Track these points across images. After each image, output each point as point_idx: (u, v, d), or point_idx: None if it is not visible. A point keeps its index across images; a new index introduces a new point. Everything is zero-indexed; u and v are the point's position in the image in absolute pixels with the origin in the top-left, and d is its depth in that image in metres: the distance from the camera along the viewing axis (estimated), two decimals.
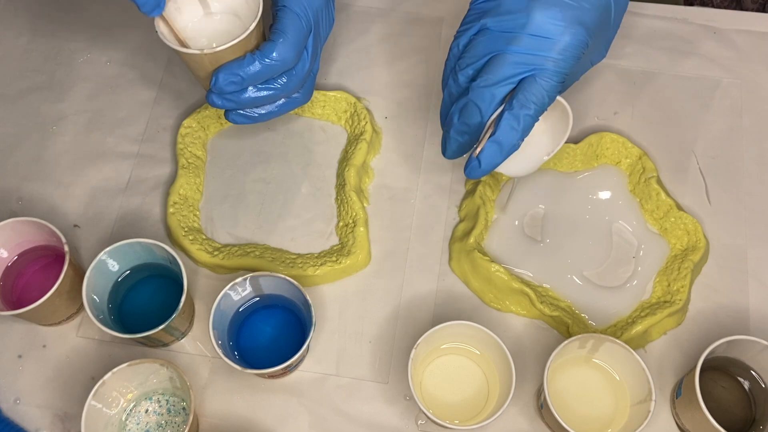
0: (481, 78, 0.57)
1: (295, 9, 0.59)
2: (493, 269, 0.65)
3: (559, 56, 0.56)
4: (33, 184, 0.72)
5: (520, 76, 0.56)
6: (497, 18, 0.57)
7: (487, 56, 0.57)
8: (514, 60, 0.56)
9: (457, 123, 0.58)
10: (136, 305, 0.65)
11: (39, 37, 0.80)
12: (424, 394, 0.62)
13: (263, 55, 0.58)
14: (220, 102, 0.61)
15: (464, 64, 0.58)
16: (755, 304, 0.67)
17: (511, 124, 0.56)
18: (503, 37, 0.57)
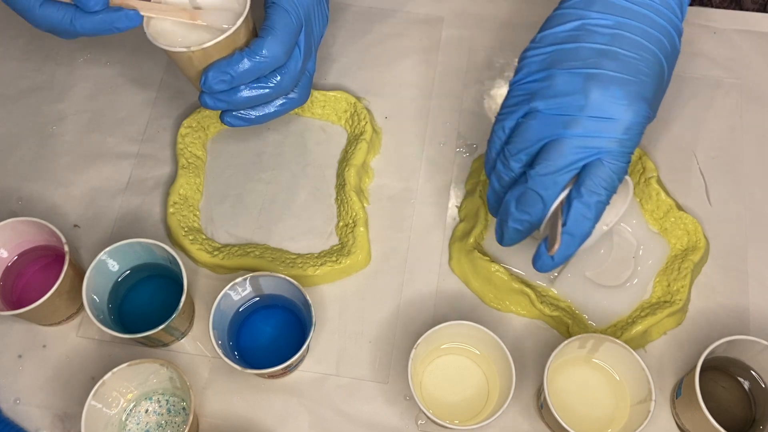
0: (541, 165, 0.53)
1: (284, 5, 0.58)
2: (493, 269, 0.65)
3: (625, 136, 0.53)
4: (33, 184, 0.72)
5: (584, 161, 0.53)
6: (549, 100, 0.54)
7: (543, 141, 0.54)
8: (575, 145, 0.53)
9: (515, 212, 0.55)
10: (136, 305, 0.65)
11: (39, 37, 0.80)
12: (424, 394, 0.62)
13: (252, 51, 0.57)
14: (212, 103, 0.59)
15: (515, 150, 0.55)
16: (755, 304, 0.67)
17: (583, 213, 0.53)
18: (559, 120, 0.53)
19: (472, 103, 0.76)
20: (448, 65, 0.78)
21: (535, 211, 0.55)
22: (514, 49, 0.78)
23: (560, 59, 0.55)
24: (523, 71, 0.57)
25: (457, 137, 0.74)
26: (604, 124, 0.53)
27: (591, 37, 0.55)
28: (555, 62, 0.55)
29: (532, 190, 0.54)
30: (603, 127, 0.53)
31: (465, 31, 0.80)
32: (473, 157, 0.73)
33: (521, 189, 0.55)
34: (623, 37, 0.55)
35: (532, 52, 0.57)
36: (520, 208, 0.55)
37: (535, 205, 0.55)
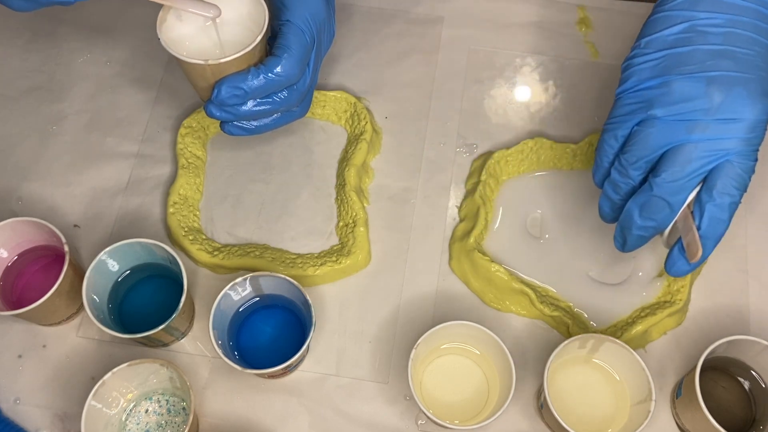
0: (666, 173, 0.53)
1: (299, 24, 0.58)
2: (493, 269, 0.65)
3: (751, 134, 0.53)
4: (33, 184, 0.72)
5: (712, 165, 0.53)
6: (670, 107, 0.53)
7: (664, 148, 0.54)
8: (702, 149, 0.53)
9: (639, 220, 0.56)
10: (136, 305, 0.65)
11: (39, 37, 0.80)
12: (424, 394, 0.62)
13: (268, 70, 0.57)
14: (218, 113, 0.59)
15: (634, 158, 0.55)
16: (755, 304, 0.67)
17: (719, 216, 0.53)
18: (682, 125, 0.53)
19: (472, 103, 0.76)
20: (448, 65, 0.78)
21: (661, 217, 0.55)
22: (514, 49, 0.79)
23: (674, 64, 0.55)
24: (633, 79, 0.56)
25: (457, 137, 0.74)
26: (730, 126, 0.53)
27: (703, 39, 0.54)
28: (669, 68, 0.54)
29: (658, 198, 0.54)
30: (729, 128, 0.53)
31: (465, 31, 0.80)
32: (473, 157, 0.73)
33: (645, 197, 0.55)
34: (736, 35, 0.54)
35: (640, 59, 0.56)
36: (645, 215, 0.55)
37: (661, 211, 0.55)
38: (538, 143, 0.71)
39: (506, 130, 0.74)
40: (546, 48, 0.79)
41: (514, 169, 0.71)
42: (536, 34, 0.79)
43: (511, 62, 0.78)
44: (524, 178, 0.71)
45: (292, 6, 0.58)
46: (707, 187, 0.54)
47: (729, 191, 0.53)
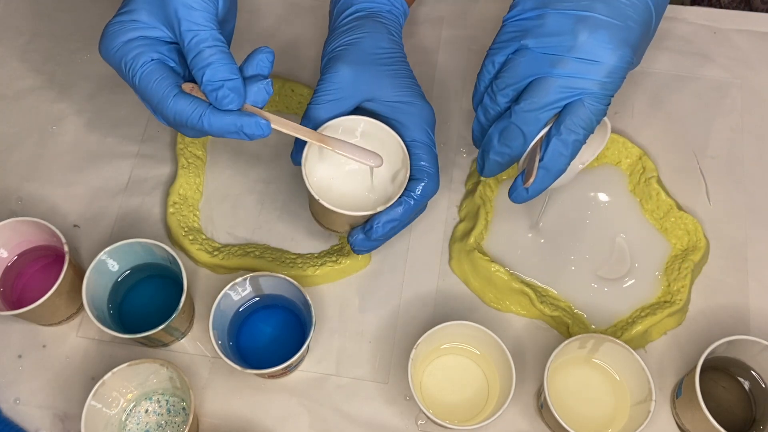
0: (525, 102, 0.55)
1: (425, 140, 0.60)
2: (493, 269, 0.65)
3: (607, 79, 0.54)
4: (33, 184, 0.72)
5: (567, 101, 0.55)
6: (540, 39, 0.55)
7: (530, 78, 0.56)
8: (560, 84, 0.55)
9: (497, 145, 0.57)
10: (136, 305, 0.65)
11: (39, 37, 0.80)
12: (424, 394, 0.62)
13: (417, 195, 0.59)
14: (369, 245, 0.61)
15: (503, 85, 0.57)
16: (755, 304, 0.67)
17: (560, 151, 0.55)
18: (547, 59, 0.55)
19: (472, 103, 0.76)
20: (448, 65, 0.78)
21: (516, 145, 0.57)
22: None
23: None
24: (517, 8, 0.58)
25: (457, 137, 0.74)
26: (589, 67, 0.54)
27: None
28: (549, 2, 0.56)
29: (514, 125, 0.56)
30: (588, 69, 0.54)
31: (465, 31, 0.80)
32: (473, 157, 0.73)
33: (505, 123, 0.57)
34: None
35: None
36: (502, 141, 0.57)
37: (516, 139, 0.57)
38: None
39: None
40: None
41: (514, 169, 0.71)
42: None
43: None
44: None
45: (411, 123, 0.60)
46: (557, 123, 0.55)
47: (575, 129, 0.55)
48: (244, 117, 0.54)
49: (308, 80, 0.76)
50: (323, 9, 0.71)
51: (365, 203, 0.60)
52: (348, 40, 0.61)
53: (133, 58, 0.55)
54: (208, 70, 0.53)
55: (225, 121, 0.54)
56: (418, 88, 0.62)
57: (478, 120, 0.60)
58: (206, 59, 0.53)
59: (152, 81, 0.54)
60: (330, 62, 0.61)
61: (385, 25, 0.63)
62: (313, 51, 0.78)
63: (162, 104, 0.55)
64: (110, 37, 0.55)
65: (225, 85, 0.53)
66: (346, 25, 0.63)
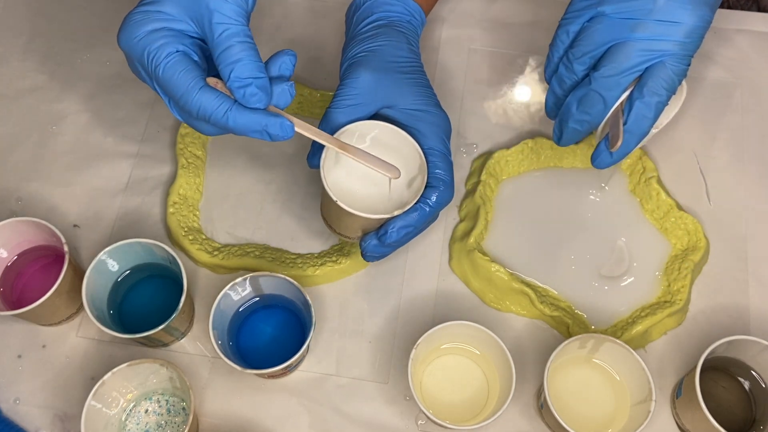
0: (605, 67, 0.56)
1: (441, 149, 0.60)
2: (493, 269, 0.65)
3: (687, 39, 0.55)
4: (33, 184, 0.72)
5: (648, 64, 0.56)
6: (617, 4, 0.56)
7: (608, 44, 0.57)
8: (640, 47, 0.55)
9: (576, 113, 0.59)
10: (136, 305, 0.65)
11: (39, 37, 0.80)
12: (424, 394, 0.62)
13: (433, 202, 0.59)
14: (382, 250, 0.60)
15: (580, 53, 0.58)
16: (755, 304, 0.67)
17: (644, 113, 0.56)
18: (626, 23, 0.56)
19: (472, 103, 0.76)
20: (448, 65, 0.78)
21: (596, 111, 0.58)
22: (514, 49, 0.78)
23: None
24: None
25: (457, 137, 0.74)
26: (669, 28, 0.55)
27: None
28: None
29: (594, 92, 0.57)
30: (668, 30, 0.55)
31: (465, 31, 0.80)
32: (473, 157, 0.73)
33: (584, 91, 0.58)
34: None
35: None
36: (582, 108, 0.58)
37: (596, 105, 0.58)
38: (538, 143, 0.71)
39: (506, 130, 0.74)
40: (546, 48, 0.78)
41: (514, 169, 0.71)
42: (536, 34, 0.79)
43: (511, 62, 0.78)
44: (524, 177, 0.71)
45: (428, 132, 0.60)
46: (639, 86, 0.56)
47: (658, 91, 0.56)
48: (270, 117, 0.53)
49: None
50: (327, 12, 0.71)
51: (380, 208, 0.60)
52: (369, 47, 0.62)
53: (157, 48, 0.53)
54: (238, 66, 0.52)
55: (250, 119, 0.53)
56: (435, 97, 0.62)
57: (552, 91, 0.61)
58: (236, 54, 0.52)
59: (177, 72, 0.53)
60: (350, 68, 0.61)
61: (404, 34, 0.63)
62: (314, 52, 0.78)
63: (186, 96, 0.53)
64: (133, 25, 0.54)
65: (254, 83, 0.52)
66: (366, 32, 0.63)
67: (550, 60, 0.61)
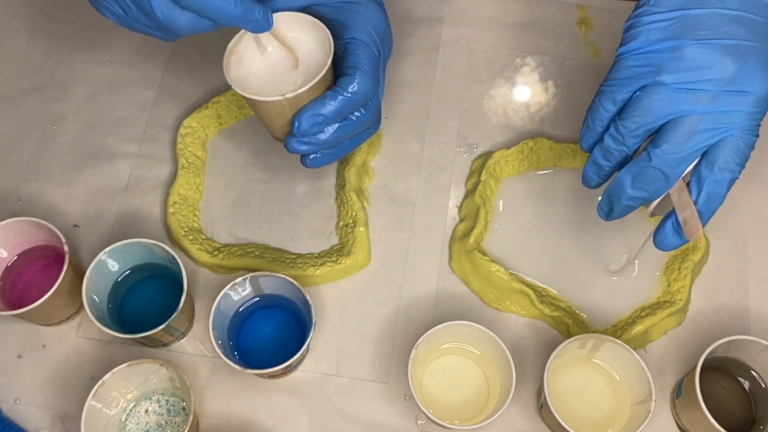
0: (668, 144, 0.51)
1: (364, 40, 0.57)
2: (493, 269, 0.65)
3: (757, 108, 0.51)
4: (33, 184, 0.72)
5: (716, 138, 0.51)
6: (679, 74, 0.50)
7: (668, 117, 0.51)
8: (707, 122, 0.50)
9: (630, 190, 0.53)
10: (136, 305, 0.65)
11: (39, 37, 0.80)
12: (424, 394, 0.62)
13: (344, 90, 0.55)
14: (302, 147, 0.57)
15: (633, 126, 0.52)
16: (755, 304, 0.67)
17: (717, 192, 0.52)
18: (689, 95, 0.50)
19: (472, 103, 0.76)
20: (448, 65, 0.78)
21: (655, 189, 0.53)
22: (514, 49, 0.79)
23: (688, 27, 0.51)
24: (640, 39, 0.52)
25: (457, 137, 0.74)
26: (738, 99, 0.50)
27: (719, 1, 0.51)
28: (682, 31, 0.51)
29: (655, 169, 0.52)
30: (737, 101, 0.50)
31: (465, 31, 0.80)
32: (473, 157, 0.73)
33: (641, 167, 0.52)
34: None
35: (649, 18, 0.52)
36: (638, 186, 0.53)
37: (656, 183, 0.53)
38: (538, 143, 0.71)
39: (506, 130, 0.75)
40: (546, 48, 0.79)
41: (514, 169, 0.71)
42: (536, 34, 0.79)
43: (511, 62, 0.78)
44: (524, 177, 0.71)
45: (353, 23, 0.58)
46: (708, 162, 0.51)
47: (730, 167, 0.51)
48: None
49: None
50: None
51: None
52: None
53: None
54: None
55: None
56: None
57: (596, 163, 0.56)
58: None
59: None
60: None
61: None
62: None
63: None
64: None
65: None
66: None
67: (591, 129, 0.55)
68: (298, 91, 0.55)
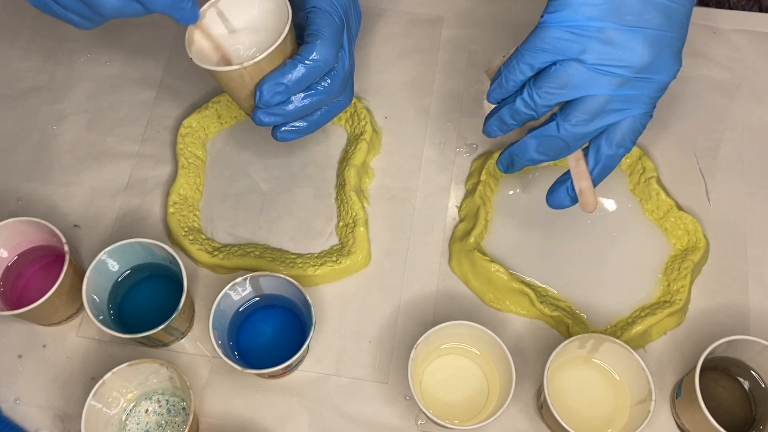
0: (578, 119, 0.54)
1: (325, 8, 0.57)
2: (493, 269, 0.65)
3: (658, 94, 0.54)
4: (33, 184, 0.72)
5: (620, 118, 0.55)
6: (602, 55, 0.52)
7: (582, 94, 0.53)
8: (616, 103, 0.53)
9: (534, 153, 0.57)
10: (136, 305, 0.65)
11: (39, 37, 0.80)
12: (424, 394, 0.62)
13: (304, 58, 0.55)
14: (268, 119, 0.57)
15: (547, 95, 0.54)
16: (755, 304, 0.67)
17: (611, 165, 0.56)
18: (605, 77, 0.53)
19: (472, 103, 0.76)
20: (448, 65, 0.78)
21: (557, 154, 0.56)
22: None
23: (615, 9, 0.52)
24: (568, 11, 0.52)
25: (457, 137, 0.74)
26: (647, 84, 0.53)
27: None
28: (609, 12, 0.52)
29: (560, 139, 0.55)
30: (645, 86, 0.53)
31: (465, 31, 0.80)
32: (473, 157, 0.73)
33: (547, 134, 0.56)
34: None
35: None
36: (541, 150, 0.57)
37: (559, 151, 0.56)
38: None
39: None
40: None
41: None
42: None
43: None
44: (524, 177, 0.71)
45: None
46: (608, 138, 0.55)
47: (626, 144, 0.55)
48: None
49: None
50: None
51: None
52: None
53: None
54: None
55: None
56: None
57: (501, 119, 0.58)
58: None
59: None
60: None
61: None
62: None
63: None
64: None
65: None
66: None
67: (502, 87, 0.56)
68: (255, 59, 0.55)
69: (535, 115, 0.56)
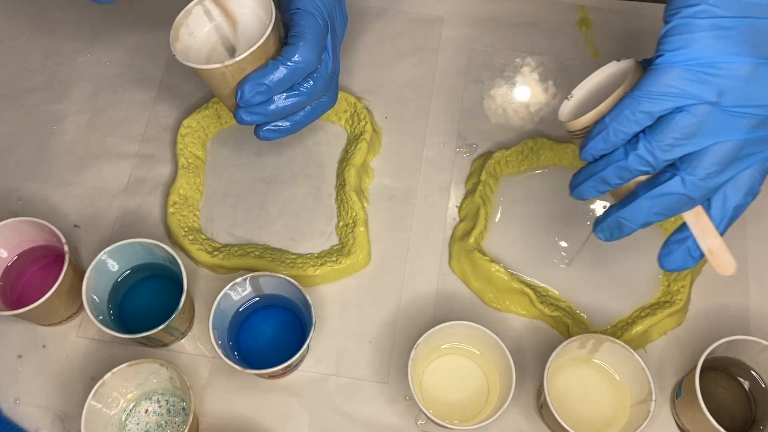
0: (708, 171, 0.45)
1: (309, 9, 0.57)
2: (493, 269, 0.65)
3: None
4: (33, 184, 0.72)
5: (751, 164, 0.46)
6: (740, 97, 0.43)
7: (714, 142, 0.45)
8: (749, 148, 0.45)
9: (650, 214, 0.48)
10: (136, 305, 0.65)
11: (39, 37, 0.80)
12: (424, 394, 0.62)
13: (286, 59, 0.55)
14: (249, 118, 0.57)
15: (670, 148, 0.45)
16: (755, 304, 0.67)
17: (738, 215, 0.48)
18: (741, 119, 0.44)
19: (472, 103, 0.76)
20: (448, 65, 0.78)
21: (674, 213, 0.48)
22: (514, 49, 0.78)
23: (754, 41, 0.43)
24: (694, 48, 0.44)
25: (457, 137, 0.74)
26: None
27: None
28: (753, 45, 0.43)
29: (684, 196, 0.46)
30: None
31: (465, 31, 0.80)
32: (473, 157, 0.73)
33: (666, 191, 0.47)
34: None
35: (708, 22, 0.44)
36: (659, 211, 0.48)
37: (679, 209, 0.48)
38: (538, 143, 0.71)
39: (506, 130, 0.74)
40: (546, 48, 0.79)
41: (514, 169, 0.71)
42: (536, 34, 0.79)
43: (511, 62, 0.78)
44: (524, 177, 0.71)
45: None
46: (735, 186, 0.47)
47: (755, 191, 0.47)
48: None
49: None
50: None
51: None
52: None
53: None
54: None
55: None
56: None
57: (603, 179, 0.49)
58: None
59: None
60: None
61: None
62: None
63: None
64: None
65: None
66: None
67: (607, 140, 0.47)
68: (237, 58, 0.55)
69: (652, 171, 0.47)
